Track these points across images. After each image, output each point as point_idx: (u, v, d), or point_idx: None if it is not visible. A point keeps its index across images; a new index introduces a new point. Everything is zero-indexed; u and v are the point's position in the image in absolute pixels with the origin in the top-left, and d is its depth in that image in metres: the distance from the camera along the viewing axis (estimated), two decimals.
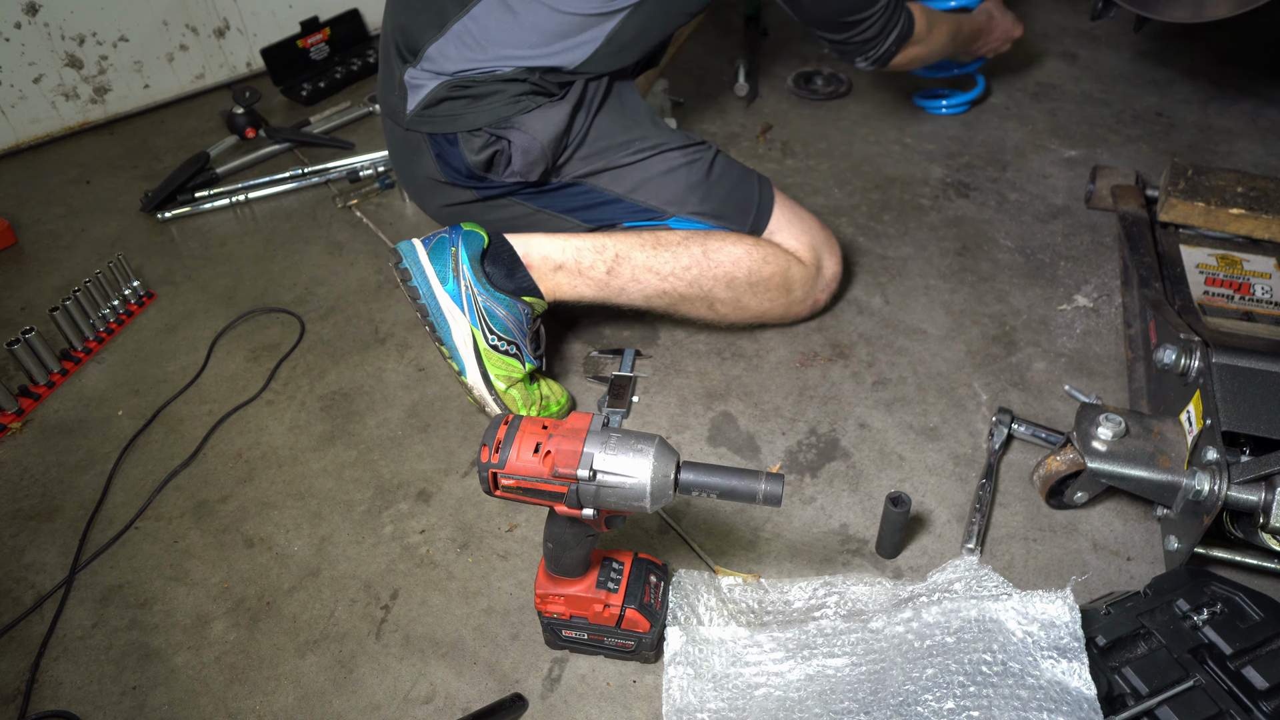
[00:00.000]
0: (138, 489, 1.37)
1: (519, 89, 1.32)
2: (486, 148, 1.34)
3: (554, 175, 1.40)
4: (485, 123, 1.33)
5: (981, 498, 1.28)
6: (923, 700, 0.96)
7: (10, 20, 1.94)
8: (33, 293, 1.73)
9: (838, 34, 1.54)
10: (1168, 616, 1.04)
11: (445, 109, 1.34)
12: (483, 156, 1.34)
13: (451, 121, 1.34)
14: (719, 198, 1.43)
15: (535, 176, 1.37)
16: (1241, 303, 1.44)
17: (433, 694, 1.11)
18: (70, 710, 1.11)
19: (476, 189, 1.41)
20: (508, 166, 1.35)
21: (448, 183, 1.41)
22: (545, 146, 1.33)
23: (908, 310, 1.62)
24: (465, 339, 1.33)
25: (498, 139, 1.33)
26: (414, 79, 1.36)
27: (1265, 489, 1.05)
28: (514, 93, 1.32)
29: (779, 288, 1.46)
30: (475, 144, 1.34)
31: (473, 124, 1.33)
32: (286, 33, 2.24)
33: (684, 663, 1.07)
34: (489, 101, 1.32)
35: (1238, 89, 2.15)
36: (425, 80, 1.35)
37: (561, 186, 1.41)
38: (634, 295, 1.41)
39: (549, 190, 1.41)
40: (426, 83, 1.35)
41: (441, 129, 1.35)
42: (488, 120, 1.32)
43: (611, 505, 0.90)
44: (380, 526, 1.30)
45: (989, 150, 1.99)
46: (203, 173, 1.96)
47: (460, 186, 1.41)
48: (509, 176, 1.36)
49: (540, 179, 1.38)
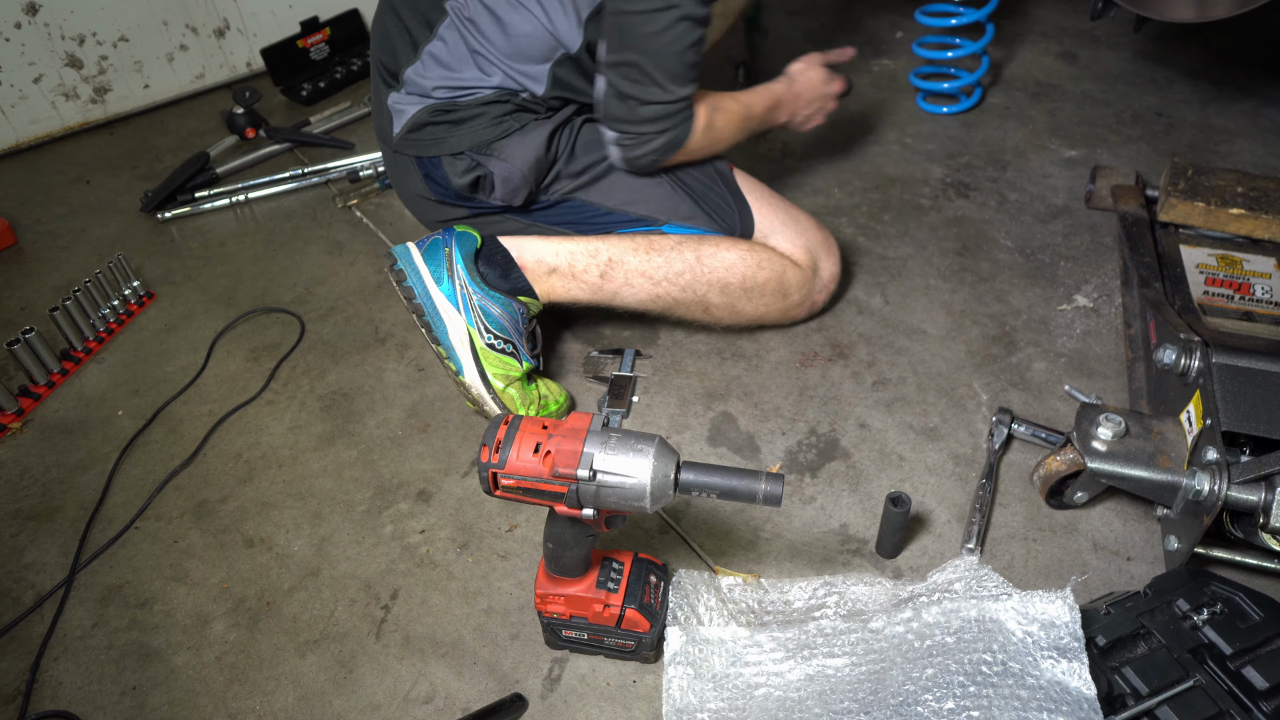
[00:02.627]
0: (138, 489, 1.37)
1: (501, 110, 1.33)
2: (469, 172, 1.35)
3: (543, 194, 1.41)
4: (467, 147, 1.34)
5: (981, 498, 1.28)
6: (923, 700, 0.96)
7: (10, 20, 1.94)
8: (33, 293, 1.73)
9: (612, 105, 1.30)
10: (1168, 616, 1.04)
11: (429, 133, 1.36)
12: (466, 180, 1.36)
13: (435, 145, 1.36)
14: (709, 203, 1.44)
15: (519, 201, 1.39)
16: (1241, 303, 1.44)
17: (433, 694, 1.11)
18: (70, 710, 1.11)
19: (467, 207, 1.43)
20: (492, 191, 1.37)
21: (439, 200, 1.43)
22: (525, 173, 1.35)
23: (908, 310, 1.62)
24: (462, 338, 1.33)
25: (480, 164, 1.35)
26: (397, 103, 1.38)
27: (1265, 489, 1.05)
28: (496, 114, 1.33)
29: (774, 292, 1.46)
30: (459, 167, 1.36)
31: (455, 148, 1.35)
32: (286, 33, 2.24)
33: (684, 663, 1.07)
34: (470, 126, 1.33)
35: (1238, 89, 2.15)
36: (408, 104, 1.37)
37: (552, 204, 1.42)
38: (628, 299, 1.42)
39: (539, 209, 1.43)
40: (409, 107, 1.37)
41: (425, 153, 1.37)
42: (469, 144, 1.34)
43: (611, 505, 0.90)
44: (380, 526, 1.30)
45: (989, 150, 1.99)
46: (203, 173, 1.96)
47: (451, 205, 1.43)
48: (495, 200, 1.39)
49: (528, 200, 1.40)
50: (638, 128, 1.30)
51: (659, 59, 1.22)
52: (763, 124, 1.52)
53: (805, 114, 1.60)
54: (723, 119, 1.40)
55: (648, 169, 1.39)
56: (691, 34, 1.22)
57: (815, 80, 1.58)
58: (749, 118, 1.47)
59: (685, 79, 1.26)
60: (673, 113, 1.29)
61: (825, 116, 1.64)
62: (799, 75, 1.57)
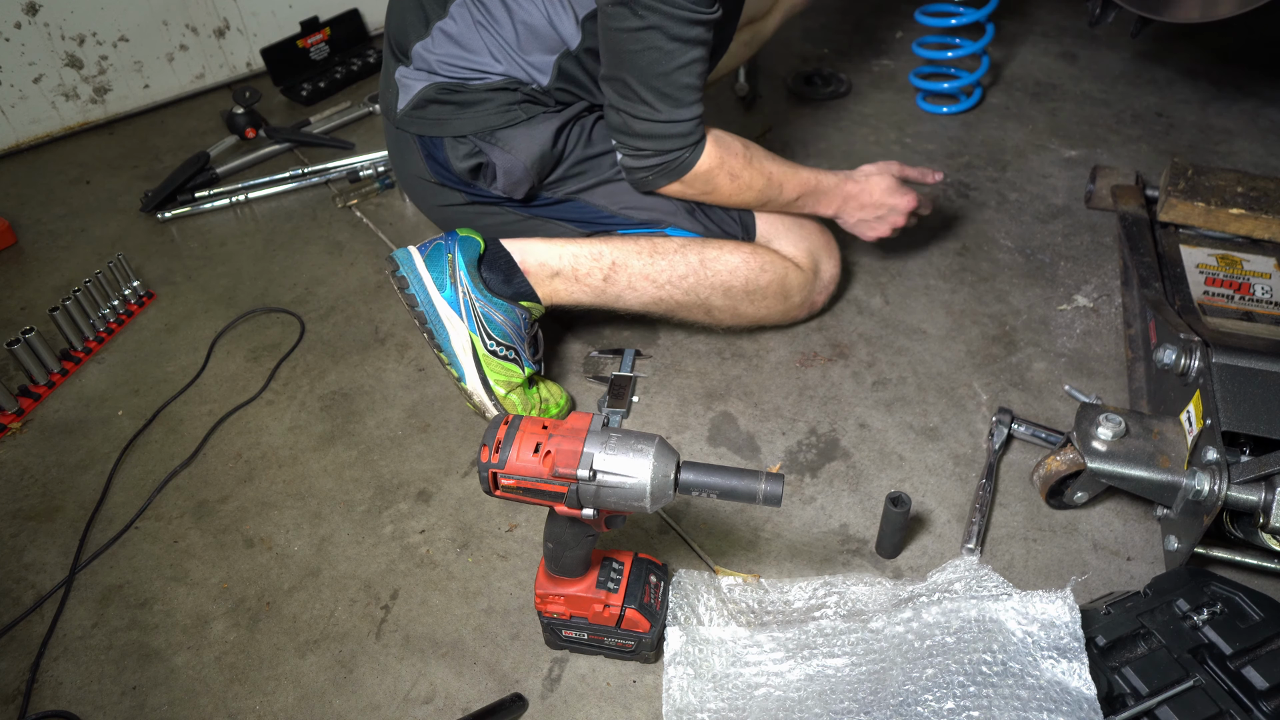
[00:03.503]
0: (138, 489, 1.37)
1: (509, 99, 1.31)
2: (471, 157, 1.34)
3: (545, 191, 1.40)
4: (470, 131, 1.32)
5: (981, 498, 1.28)
6: (923, 700, 0.96)
7: (10, 20, 1.94)
8: (33, 293, 1.73)
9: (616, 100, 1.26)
10: (1168, 616, 1.04)
11: (433, 112, 1.34)
12: (468, 165, 1.34)
13: (438, 125, 1.34)
14: (712, 208, 1.43)
15: (520, 195, 1.37)
16: (1241, 303, 1.44)
17: (433, 694, 1.11)
18: (70, 710, 1.11)
19: (466, 193, 1.41)
20: (493, 181, 1.35)
21: (439, 183, 1.41)
22: (528, 167, 1.33)
23: (908, 310, 1.62)
24: (464, 345, 1.33)
25: (482, 151, 1.33)
26: (405, 78, 1.36)
27: (1265, 489, 1.05)
28: (503, 102, 1.31)
29: (776, 295, 1.46)
30: (461, 151, 1.34)
31: (458, 131, 1.33)
32: (286, 33, 2.24)
33: (684, 663, 1.07)
34: (477, 110, 1.32)
35: (1238, 89, 2.15)
36: (415, 80, 1.35)
37: (554, 202, 1.41)
38: (631, 302, 1.42)
39: (540, 205, 1.42)
40: (416, 83, 1.35)
41: (428, 132, 1.35)
42: (472, 129, 1.32)
43: (611, 505, 0.90)
44: (380, 526, 1.30)
45: (989, 150, 1.99)
46: (203, 173, 1.96)
47: (451, 188, 1.41)
48: (495, 190, 1.37)
49: (530, 194, 1.39)
50: (633, 141, 1.28)
51: (644, 77, 1.20)
52: (794, 206, 1.44)
53: (860, 218, 1.50)
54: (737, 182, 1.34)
55: (642, 187, 1.35)
56: (680, 56, 1.18)
57: (878, 188, 1.47)
58: (771, 189, 1.38)
59: (678, 100, 1.22)
60: (668, 134, 1.25)
61: (894, 231, 1.52)
62: (862, 177, 1.47)
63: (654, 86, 1.21)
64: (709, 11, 1.16)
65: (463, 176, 1.36)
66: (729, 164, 1.33)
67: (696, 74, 1.21)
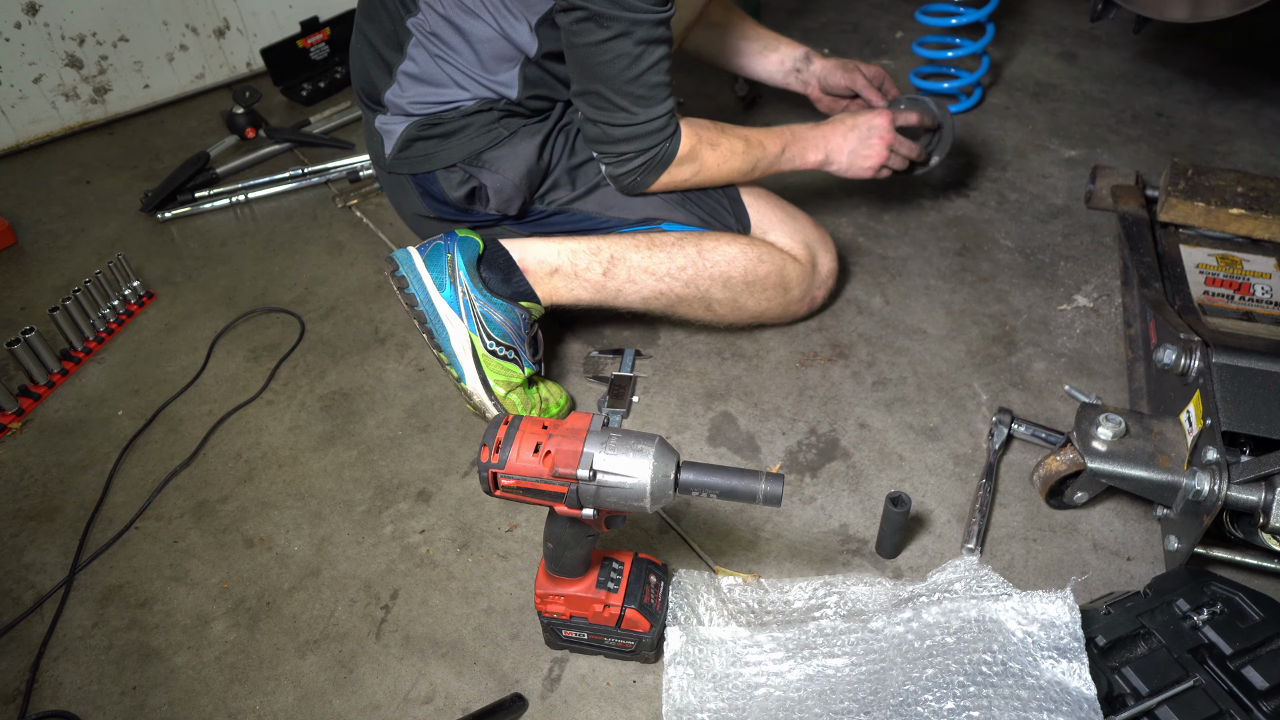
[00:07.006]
0: (138, 489, 1.37)
1: (487, 119, 1.34)
2: (464, 184, 1.36)
3: (537, 204, 1.42)
4: (458, 158, 1.35)
5: (981, 498, 1.28)
6: (923, 700, 0.96)
7: (10, 20, 1.94)
8: (33, 293, 1.73)
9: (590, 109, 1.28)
10: (1168, 616, 1.04)
11: (419, 149, 1.36)
12: (462, 192, 1.37)
13: (427, 161, 1.36)
14: (705, 204, 1.44)
15: (514, 211, 1.39)
16: (1241, 303, 1.44)
17: (433, 694, 1.11)
18: (70, 710, 1.11)
19: (465, 220, 1.43)
20: (488, 203, 1.38)
21: (438, 218, 1.43)
22: (518, 183, 1.35)
23: (908, 310, 1.62)
24: (464, 345, 1.33)
25: (472, 176, 1.36)
26: (385, 125, 1.39)
27: (1265, 489, 1.05)
28: (483, 123, 1.34)
29: (776, 286, 1.46)
30: (454, 180, 1.36)
31: (446, 161, 1.35)
32: (286, 33, 2.24)
33: (684, 663, 1.07)
34: (459, 137, 1.34)
35: (1238, 89, 2.15)
36: (395, 124, 1.38)
37: (548, 215, 1.43)
38: (631, 297, 1.42)
39: (534, 219, 1.44)
40: (396, 126, 1.38)
41: (419, 169, 1.37)
42: (460, 156, 1.35)
43: (611, 505, 0.90)
44: (380, 526, 1.30)
45: (989, 150, 1.99)
46: (203, 173, 1.96)
47: (451, 220, 1.43)
48: (490, 211, 1.39)
49: (523, 209, 1.41)
50: (614, 148, 1.31)
51: (616, 85, 1.23)
52: (781, 162, 1.45)
53: (850, 149, 1.48)
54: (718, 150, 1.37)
55: (632, 189, 1.38)
56: (648, 57, 1.21)
57: (849, 114, 1.49)
58: (754, 148, 1.41)
59: (651, 99, 1.26)
60: (647, 132, 1.29)
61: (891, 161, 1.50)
62: (833, 118, 1.50)
63: (627, 92, 1.24)
64: (667, 9, 1.20)
65: (459, 205, 1.38)
66: (706, 135, 1.36)
67: (664, 70, 1.25)
